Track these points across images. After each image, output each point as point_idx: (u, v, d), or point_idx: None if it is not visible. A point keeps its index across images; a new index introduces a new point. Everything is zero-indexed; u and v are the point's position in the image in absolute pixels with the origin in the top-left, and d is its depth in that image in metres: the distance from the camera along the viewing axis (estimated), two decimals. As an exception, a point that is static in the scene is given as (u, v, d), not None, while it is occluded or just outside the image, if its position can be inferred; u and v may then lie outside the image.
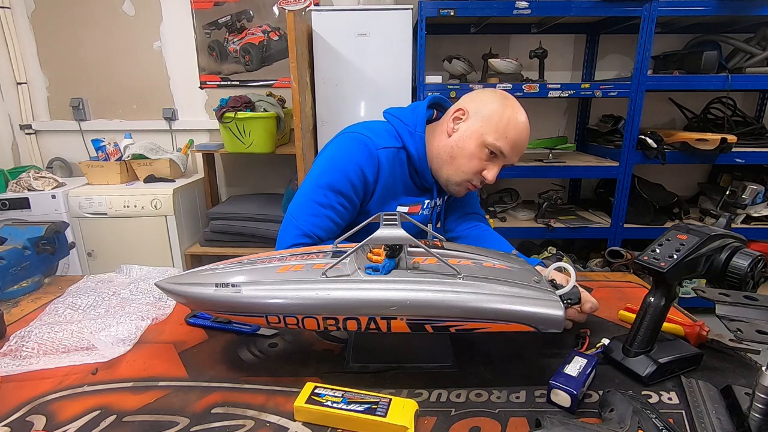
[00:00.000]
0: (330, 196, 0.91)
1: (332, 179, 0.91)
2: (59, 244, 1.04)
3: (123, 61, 2.62)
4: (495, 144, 0.90)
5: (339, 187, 0.91)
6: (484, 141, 0.90)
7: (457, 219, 1.15)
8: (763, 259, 0.60)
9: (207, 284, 0.63)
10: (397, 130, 0.97)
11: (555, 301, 0.60)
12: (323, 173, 0.92)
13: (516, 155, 0.93)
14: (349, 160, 0.91)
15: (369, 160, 0.91)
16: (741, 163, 2.21)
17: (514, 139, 0.91)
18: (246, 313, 0.62)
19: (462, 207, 1.16)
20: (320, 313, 0.59)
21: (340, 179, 0.90)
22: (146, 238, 2.33)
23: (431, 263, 0.66)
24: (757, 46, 2.27)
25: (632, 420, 0.51)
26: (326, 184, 0.91)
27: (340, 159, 0.92)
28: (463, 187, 0.96)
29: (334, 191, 0.91)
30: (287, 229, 0.92)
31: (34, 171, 2.33)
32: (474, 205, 1.18)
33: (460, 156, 0.93)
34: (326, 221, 0.91)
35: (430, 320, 0.60)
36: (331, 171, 0.91)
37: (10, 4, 2.53)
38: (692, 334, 0.73)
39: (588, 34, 2.54)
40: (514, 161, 0.94)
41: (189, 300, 0.64)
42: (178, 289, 0.64)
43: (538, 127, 2.70)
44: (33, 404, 0.61)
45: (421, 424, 0.56)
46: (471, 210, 1.16)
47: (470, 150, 0.91)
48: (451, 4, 2.03)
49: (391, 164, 0.94)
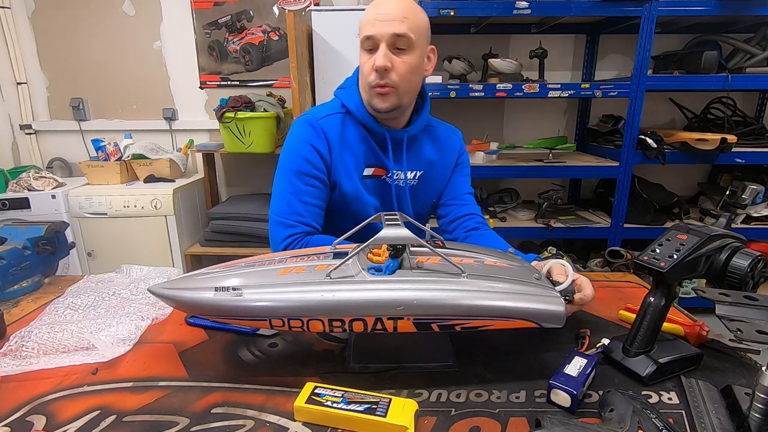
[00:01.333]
0: (295, 181, 0.94)
1: (291, 166, 0.95)
2: (59, 244, 1.04)
3: (123, 61, 2.62)
4: (362, 34, 0.90)
5: (300, 169, 0.94)
6: (360, 42, 0.92)
7: (454, 216, 1.10)
8: (763, 259, 0.60)
9: (205, 288, 0.61)
10: (338, 97, 1.01)
11: (555, 297, 0.62)
12: (282, 165, 0.97)
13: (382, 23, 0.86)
14: (298, 141, 0.95)
15: (314, 134, 0.95)
16: (741, 163, 2.21)
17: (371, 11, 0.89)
18: (248, 317, 0.60)
19: (451, 189, 1.11)
20: (326, 315, 0.59)
21: (297, 162, 0.94)
22: (146, 238, 2.33)
23: (434, 262, 0.66)
24: (757, 46, 2.27)
25: (632, 420, 0.51)
26: (288, 171, 0.95)
27: (291, 145, 0.97)
28: (374, 90, 0.91)
29: (297, 175, 0.94)
30: (274, 229, 0.95)
31: (34, 171, 2.33)
32: (463, 186, 1.12)
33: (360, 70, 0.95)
34: (303, 206, 0.94)
35: (436, 319, 0.60)
36: (288, 159, 0.96)
37: (10, 4, 2.53)
38: (692, 334, 0.73)
39: (588, 34, 2.54)
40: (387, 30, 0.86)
41: (186, 305, 0.63)
42: (174, 294, 0.62)
43: (538, 127, 2.70)
44: (33, 404, 0.61)
45: (421, 424, 0.56)
46: (462, 191, 1.11)
47: (360, 60, 0.93)
48: (451, 4, 2.02)
49: (338, 130, 0.97)
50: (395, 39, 0.87)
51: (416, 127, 1.00)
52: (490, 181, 2.68)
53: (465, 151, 1.14)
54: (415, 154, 1.04)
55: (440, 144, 1.08)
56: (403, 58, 0.89)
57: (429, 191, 1.09)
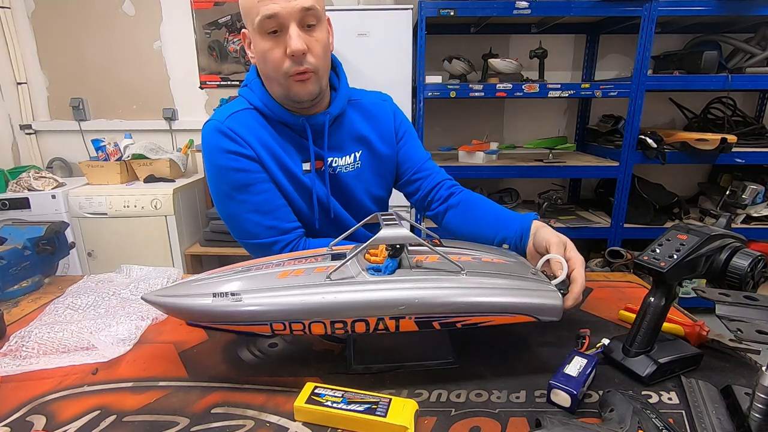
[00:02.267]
0: (242, 197, 0.85)
1: (227, 185, 0.85)
2: (59, 244, 1.04)
3: (123, 61, 2.62)
4: (257, 15, 0.76)
5: (239, 183, 0.84)
6: (254, 28, 0.78)
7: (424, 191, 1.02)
8: (763, 259, 0.60)
9: (202, 295, 0.59)
10: (241, 95, 0.92)
11: (552, 291, 0.63)
12: (218, 188, 0.87)
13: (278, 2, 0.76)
14: (217, 153, 0.84)
15: (226, 138, 0.84)
16: (741, 163, 2.21)
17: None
18: (248, 323, 0.59)
19: (409, 162, 1.02)
20: (328, 317, 0.59)
21: (231, 177, 0.84)
22: (146, 238, 2.33)
23: (432, 261, 0.67)
24: (757, 46, 2.27)
25: (632, 420, 0.51)
26: (229, 192, 0.85)
27: (213, 161, 0.86)
28: (292, 79, 0.81)
29: (240, 190, 0.85)
30: (257, 252, 0.88)
31: (34, 171, 2.33)
32: (417, 153, 1.03)
33: (262, 61, 0.82)
34: (266, 216, 0.86)
35: (437, 317, 0.60)
36: (220, 179, 0.86)
37: (10, 4, 2.53)
38: (692, 334, 0.73)
39: (588, 34, 2.54)
40: (294, 5, 0.76)
41: (183, 313, 0.61)
42: (170, 302, 0.60)
43: (538, 127, 2.71)
44: (33, 404, 0.61)
45: (421, 424, 0.56)
46: (420, 161, 1.02)
47: (260, 48, 0.80)
48: (451, 4, 2.03)
49: (248, 126, 0.86)
50: (304, 14, 0.76)
51: (337, 105, 0.90)
52: (490, 181, 2.68)
53: (399, 112, 1.03)
54: (347, 135, 0.94)
55: (371, 115, 0.97)
56: (314, 35, 0.79)
57: (379, 170, 0.99)
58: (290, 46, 0.76)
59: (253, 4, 0.76)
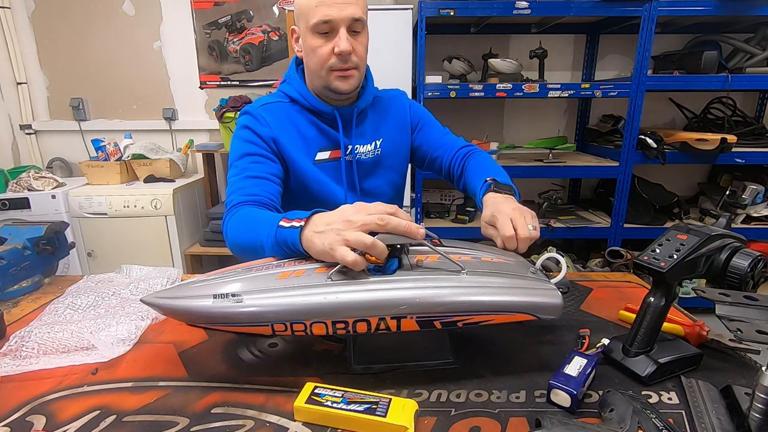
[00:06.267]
0: (241, 164, 0.94)
1: (236, 155, 0.95)
2: (59, 244, 1.04)
3: (123, 61, 2.62)
4: (314, 18, 0.88)
5: (244, 152, 0.94)
6: (308, 26, 0.90)
7: (447, 162, 1.11)
8: (763, 259, 0.60)
9: (203, 296, 0.59)
10: (280, 90, 1.04)
11: (552, 290, 0.64)
12: (230, 160, 0.97)
13: (340, 5, 0.88)
14: (239, 129, 0.97)
15: (254, 121, 0.96)
16: (741, 163, 2.21)
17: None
18: (249, 324, 0.59)
19: (429, 143, 1.12)
20: (330, 318, 0.59)
21: (241, 148, 0.95)
22: (146, 238, 2.33)
23: (433, 260, 0.67)
24: (757, 46, 2.27)
25: (632, 420, 0.51)
26: (234, 161, 0.95)
27: (235, 139, 0.98)
28: (334, 74, 0.93)
29: (242, 158, 0.94)
30: (227, 214, 0.92)
31: (34, 171, 2.33)
32: (436, 133, 1.13)
33: (309, 56, 0.94)
34: (250, 180, 0.91)
35: (439, 316, 0.60)
36: (233, 150, 0.97)
37: (10, 4, 2.53)
38: (692, 334, 0.73)
39: (588, 34, 2.54)
40: (347, 14, 0.88)
41: (183, 315, 0.60)
42: (170, 304, 0.60)
43: (538, 127, 2.71)
44: (33, 404, 0.61)
45: (421, 424, 0.56)
46: (438, 138, 1.12)
47: (309, 44, 0.92)
48: (451, 4, 2.03)
49: (279, 116, 0.98)
50: (353, 23, 0.89)
51: (365, 100, 1.03)
52: (490, 181, 2.67)
53: (414, 103, 1.15)
54: (370, 126, 1.06)
55: (389, 108, 1.10)
56: (359, 40, 0.92)
57: (396, 157, 1.11)
58: (339, 47, 0.89)
59: (311, 8, 0.88)
